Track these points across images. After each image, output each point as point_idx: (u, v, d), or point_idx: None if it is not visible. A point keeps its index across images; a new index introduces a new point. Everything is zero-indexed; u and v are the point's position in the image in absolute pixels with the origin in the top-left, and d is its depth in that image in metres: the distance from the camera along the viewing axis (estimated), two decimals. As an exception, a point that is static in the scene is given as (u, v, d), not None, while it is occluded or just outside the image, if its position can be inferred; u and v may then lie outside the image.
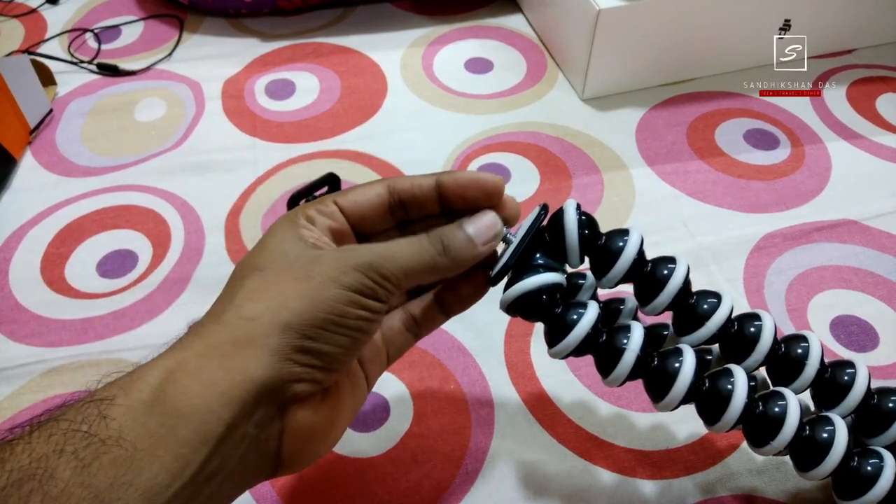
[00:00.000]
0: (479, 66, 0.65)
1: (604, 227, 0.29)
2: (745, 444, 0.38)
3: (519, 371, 0.42)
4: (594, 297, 0.33)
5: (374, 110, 0.61)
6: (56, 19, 0.71)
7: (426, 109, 0.61)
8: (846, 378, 0.31)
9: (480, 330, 0.44)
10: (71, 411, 0.22)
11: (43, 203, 0.53)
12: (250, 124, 0.59)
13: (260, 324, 0.24)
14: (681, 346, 0.31)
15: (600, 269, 0.30)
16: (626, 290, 0.32)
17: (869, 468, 0.30)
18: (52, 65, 0.63)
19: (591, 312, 0.30)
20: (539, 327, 0.31)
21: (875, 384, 0.32)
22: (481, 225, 0.27)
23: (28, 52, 0.66)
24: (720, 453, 0.38)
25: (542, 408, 0.40)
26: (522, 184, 0.54)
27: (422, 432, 0.39)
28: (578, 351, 0.30)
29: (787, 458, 0.31)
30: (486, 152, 0.56)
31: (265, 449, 0.25)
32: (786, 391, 0.30)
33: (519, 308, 0.30)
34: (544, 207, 0.30)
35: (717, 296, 0.31)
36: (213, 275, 0.48)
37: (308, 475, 0.37)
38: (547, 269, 0.29)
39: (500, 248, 0.30)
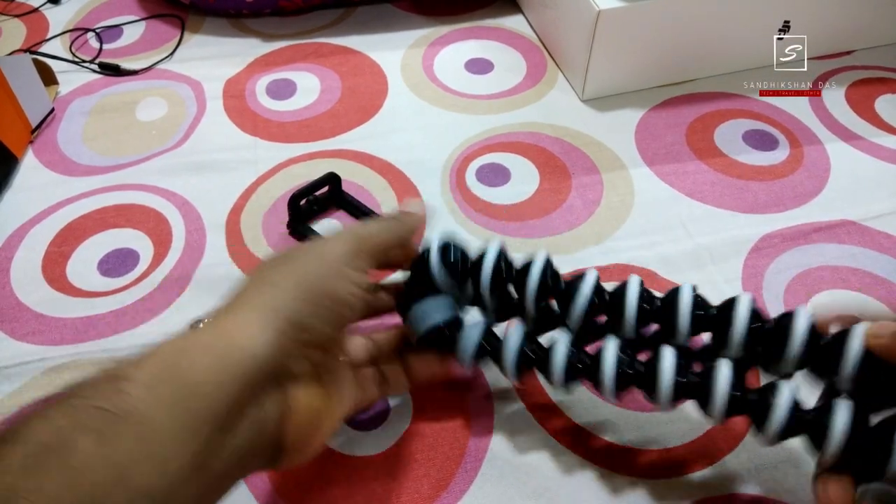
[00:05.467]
0: (479, 66, 0.66)
1: (603, 227, 0.30)
2: (743, 444, 0.38)
3: (518, 370, 0.42)
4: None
5: (375, 110, 0.61)
6: (58, 19, 0.72)
7: (427, 109, 0.61)
8: (732, 312, 0.32)
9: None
10: (87, 388, 0.23)
11: (44, 202, 0.53)
12: (251, 124, 0.60)
13: (259, 308, 0.27)
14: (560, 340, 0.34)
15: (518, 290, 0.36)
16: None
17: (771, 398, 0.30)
18: (53, 64, 0.63)
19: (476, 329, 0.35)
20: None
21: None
22: (412, 206, 0.36)
23: (30, 51, 0.67)
24: (719, 452, 0.38)
25: (541, 407, 0.41)
26: (522, 184, 0.54)
27: (421, 431, 0.39)
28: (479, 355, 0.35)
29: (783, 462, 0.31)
30: (486, 152, 0.56)
31: (268, 431, 0.27)
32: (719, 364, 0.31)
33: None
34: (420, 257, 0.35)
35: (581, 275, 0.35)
36: (214, 274, 0.48)
37: (308, 474, 0.37)
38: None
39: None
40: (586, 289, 0.34)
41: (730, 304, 0.32)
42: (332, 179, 0.51)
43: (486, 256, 0.35)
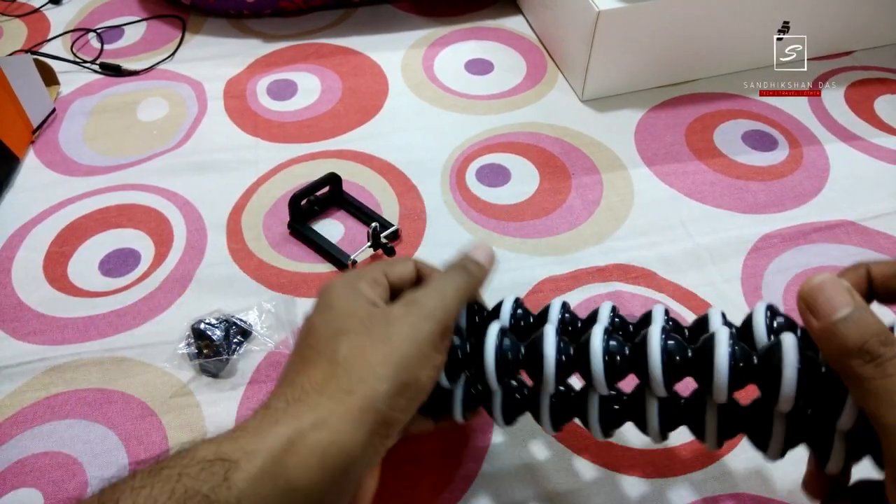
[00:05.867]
0: (479, 67, 0.66)
1: (603, 227, 0.29)
2: (743, 444, 0.38)
3: (518, 370, 0.42)
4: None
5: (375, 111, 0.61)
6: (59, 19, 0.72)
7: (427, 110, 0.61)
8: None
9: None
10: (194, 465, 0.24)
11: (46, 202, 0.53)
12: (252, 124, 0.60)
13: (356, 399, 0.27)
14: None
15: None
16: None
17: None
18: (55, 64, 0.64)
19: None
20: None
21: None
22: (482, 255, 0.34)
23: (31, 51, 0.67)
24: (718, 453, 0.38)
25: (540, 406, 0.41)
26: (522, 184, 0.54)
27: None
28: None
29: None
30: (486, 152, 0.57)
31: None
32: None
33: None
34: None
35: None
36: (214, 274, 0.48)
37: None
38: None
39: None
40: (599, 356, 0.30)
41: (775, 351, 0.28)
42: (333, 179, 0.51)
43: (486, 351, 0.32)
